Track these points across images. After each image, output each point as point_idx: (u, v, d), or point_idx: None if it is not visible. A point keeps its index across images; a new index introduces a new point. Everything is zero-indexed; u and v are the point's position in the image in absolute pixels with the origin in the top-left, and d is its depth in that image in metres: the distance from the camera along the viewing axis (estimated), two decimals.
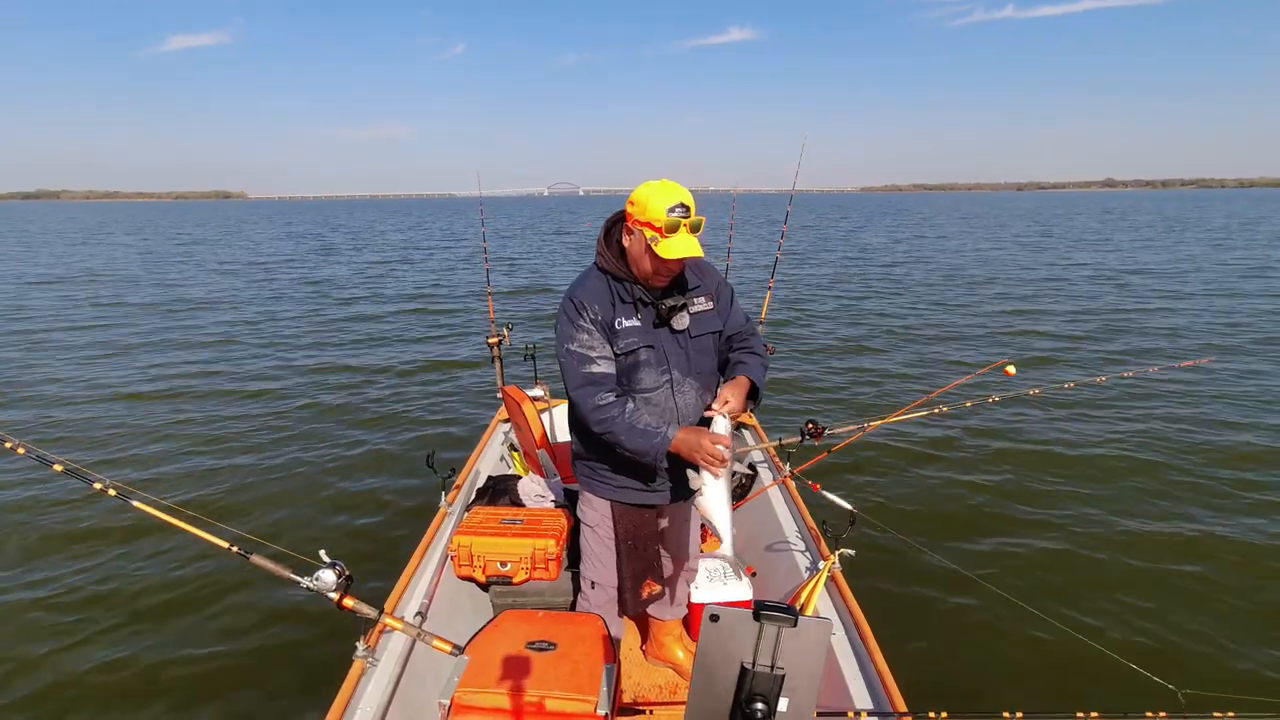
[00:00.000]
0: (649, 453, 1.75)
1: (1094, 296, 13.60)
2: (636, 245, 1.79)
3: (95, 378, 7.80)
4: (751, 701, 0.96)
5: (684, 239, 1.72)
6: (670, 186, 1.74)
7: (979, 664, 3.15)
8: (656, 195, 1.72)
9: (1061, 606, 3.57)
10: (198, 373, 8.10)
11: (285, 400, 7.05)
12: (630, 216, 1.79)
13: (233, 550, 1.78)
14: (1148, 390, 7.09)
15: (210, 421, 6.35)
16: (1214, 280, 15.39)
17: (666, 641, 2.54)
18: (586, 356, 1.81)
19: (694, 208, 1.73)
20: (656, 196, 1.71)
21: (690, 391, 1.91)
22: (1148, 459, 5.42)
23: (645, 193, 1.74)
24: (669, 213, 1.69)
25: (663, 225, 1.70)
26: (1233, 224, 36.93)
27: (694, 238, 1.74)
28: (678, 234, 1.71)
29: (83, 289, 14.99)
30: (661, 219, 1.70)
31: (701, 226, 1.77)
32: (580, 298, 1.84)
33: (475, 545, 2.49)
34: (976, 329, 10.83)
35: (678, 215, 1.70)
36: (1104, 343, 9.75)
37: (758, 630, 0.93)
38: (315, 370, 8.31)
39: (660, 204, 1.70)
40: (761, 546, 2.93)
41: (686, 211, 1.71)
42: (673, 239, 1.71)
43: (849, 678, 1.99)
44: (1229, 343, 9.44)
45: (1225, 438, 5.83)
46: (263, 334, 10.41)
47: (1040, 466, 5.29)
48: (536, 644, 1.72)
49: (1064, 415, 6.38)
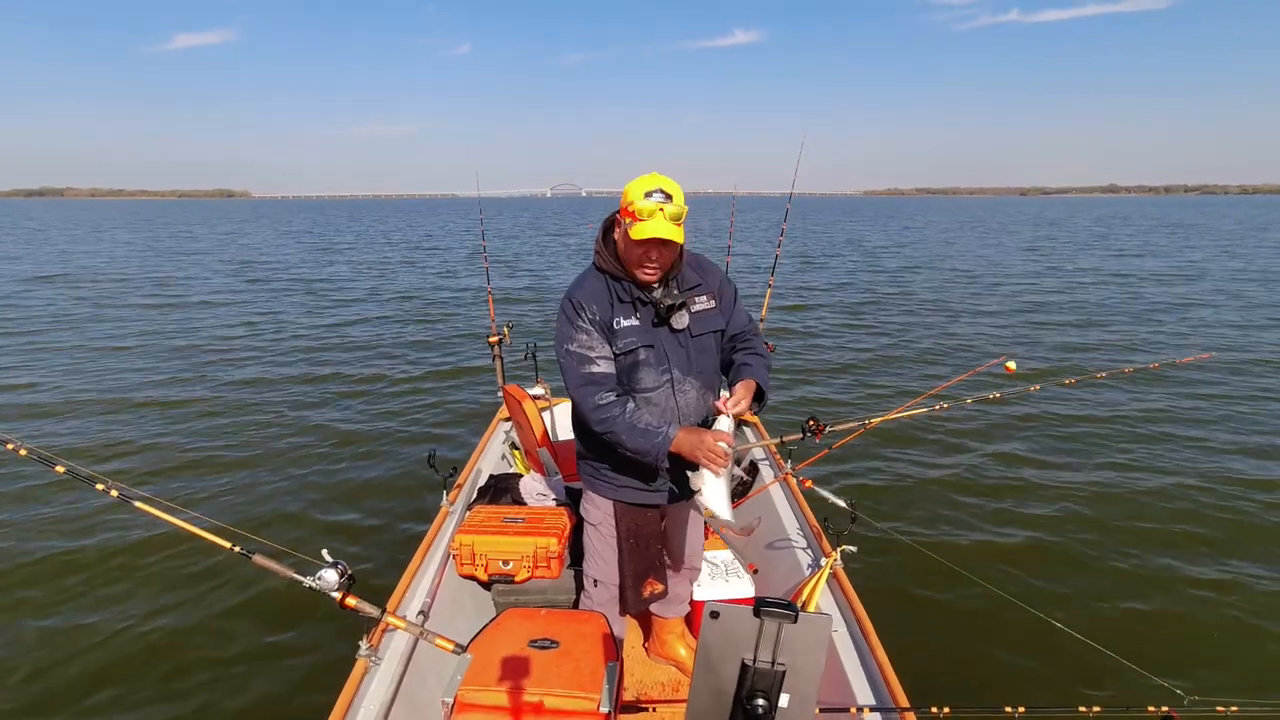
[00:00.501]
0: (650, 452, 1.74)
1: (1101, 298, 13.59)
2: (623, 237, 1.79)
3: (95, 377, 7.80)
4: (753, 697, 0.96)
5: (657, 221, 1.70)
6: (654, 175, 1.74)
7: (981, 660, 3.15)
8: (639, 183, 1.73)
9: (1063, 604, 3.58)
10: (197, 373, 8.10)
11: (285, 400, 7.05)
12: (620, 210, 1.80)
13: (235, 550, 1.78)
14: (1149, 386, 7.09)
15: (212, 421, 6.36)
16: (1226, 284, 15.30)
17: (669, 639, 2.54)
18: (586, 357, 1.80)
19: (678, 198, 1.72)
20: (639, 184, 1.73)
21: (691, 391, 1.90)
22: (1149, 457, 5.42)
23: (631, 184, 1.75)
24: (646, 197, 1.70)
25: (638, 209, 1.70)
26: (1240, 229, 36.71)
27: (670, 223, 1.71)
28: (652, 218, 1.70)
29: (83, 287, 15.01)
30: (638, 202, 1.70)
31: (683, 217, 1.75)
32: (578, 298, 1.84)
33: (477, 544, 2.49)
34: (978, 327, 10.83)
35: (656, 200, 1.70)
36: (1106, 342, 9.75)
37: (758, 626, 0.94)
38: (315, 370, 8.31)
39: (639, 189, 1.71)
40: (763, 544, 2.93)
41: (666, 198, 1.70)
42: (646, 221, 1.70)
43: (851, 673, 2.00)
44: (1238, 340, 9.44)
45: (1227, 437, 5.83)
46: (263, 333, 10.42)
47: (1042, 463, 5.29)
48: (539, 642, 1.72)
49: (1065, 411, 6.38)
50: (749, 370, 1.90)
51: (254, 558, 1.79)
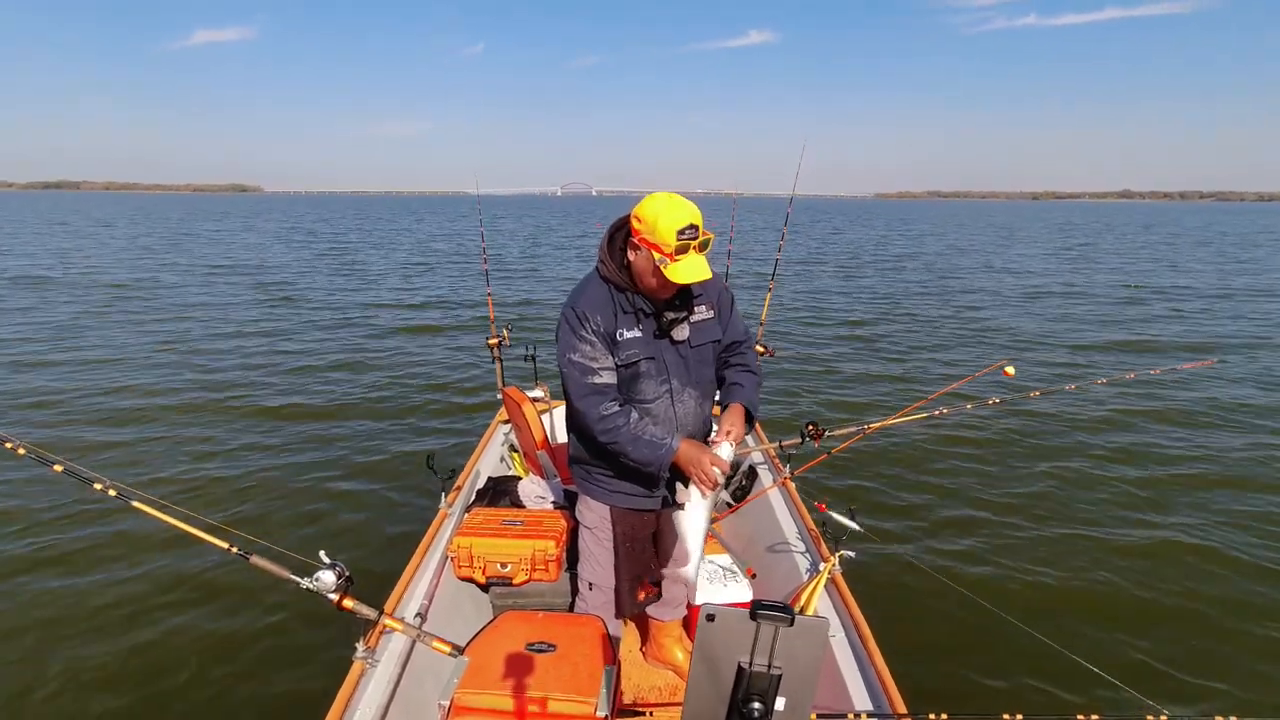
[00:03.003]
0: (654, 464, 1.76)
1: (1110, 305, 13.59)
2: (643, 262, 1.76)
3: (95, 376, 7.80)
4: (748, 701, 0.96)
5: (693, 261, 1.69)
6: (678, 205, 1.70)
7: (979, 667, 3.14)
8: (665, 216, 1.67)
9: (1061, 612, 3.57)
10: (196, 372, 8.10)
11: (284, 400, 7.05)
12: (636, 232, 1.75)
13: (233, 551, 1.78)
14: (1150, 393, 7.09)
15: (208, 422, 6.36)
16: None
17: (666, 643, 2.54)
18: (589, 367, 1.80)
19: (701, 224, 1.71)
20: (665, 217, 1.67)
21: (690, 401, 1.92)
22: (1150, 463, 5.42)
23: (653, 211, 1.69)
24: (679, 236, 1.66)
25: (672, 249, 1.67)
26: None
27: (702, 258, 1.72)
28: (687, 256, 1.69)
29: (86, 284, 15.02)
30: (671, 242, 1.66)
31: (710, 245, 1.74)
32: (582, 308, 1.83)
33: (475, 546, 2.49)
34: (978, 332, 10.83)
35: (687, 238, 1.67)
36: (1109, 347, 9.75)
37: (755, 630, 0.93)
38: (315, 370, 8.31)
39: (669, 226, 1.66)
40: (762, 548, 2.92)
41: (695, 232, 1.68)
42: (682, 261, 1.68)
43: (849, 679, 1.99)
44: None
45: (1228, 442, 5.82)
46: (262, 332, 10.42)
47: (1041, 470, 5.28)
48: (536, 645, 1.72)
49: (1065, 417, 6.38)
50: (740, 392, 1.91)
51: (251, 558, 1.78)
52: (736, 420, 1.85)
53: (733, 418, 1.85)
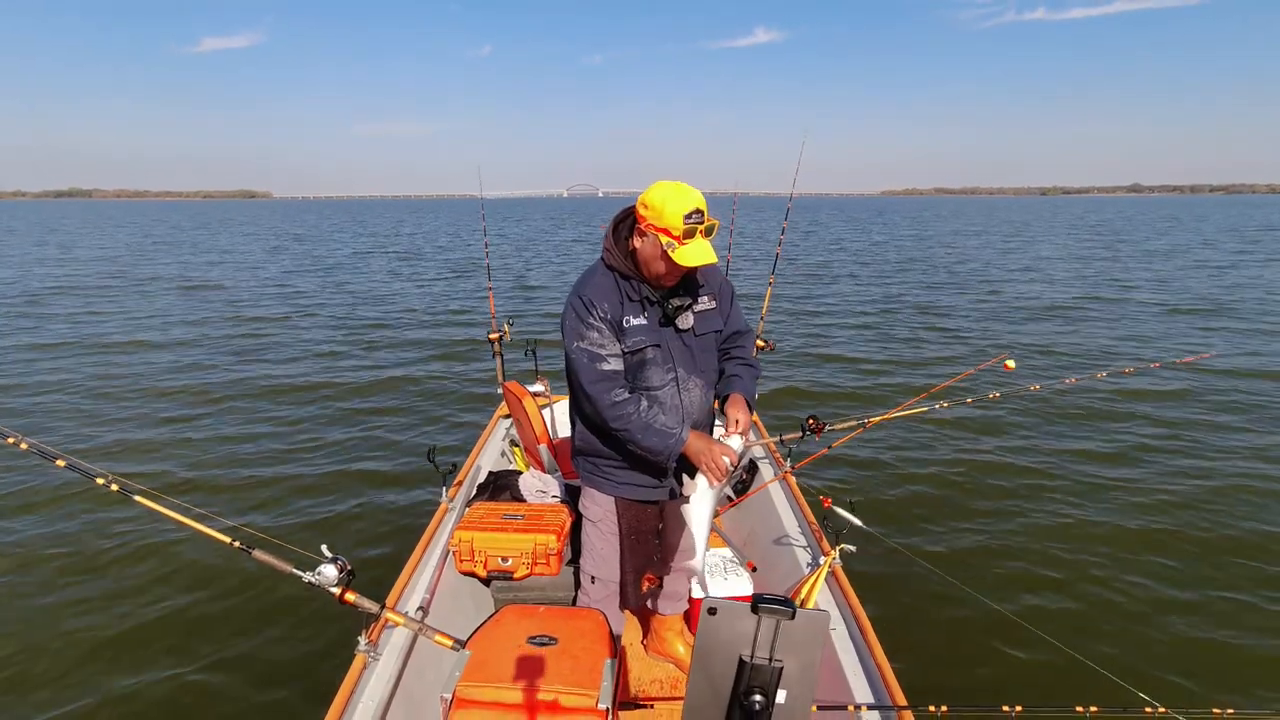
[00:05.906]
0: (663, 452, 1.77)
1: (1114, 303, 13.57)
2: (649, 248, 1.78)
3: (95, 375, 7.81)
4: (750, 694, 0.96)
5: (700, 245, 1.73)
6: (684, 190, 1.73)
7: (979, 659, 3.15)
8: (672, 201, 1.70)
9: (1061, 607, 3.58)
10: (199, 370, 8.11)
11: (285, 397, 7.06)
12: (643, 219, 1.77)
13: (235, 545, 1.79)
14: (1149, 387, 7.09)
15: (212, 417, 6.37)
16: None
17: (668, 636, 2.55)
18: (598, 354, 1.81)
19: (707, 211, 1.74)
20: (672, 202, 1.70)
21: (695, 389, 1.93)
22: (1150, 457, 5.42)
23: (659, 197, 1.72)
24: (685, 220, 1.69)
25: (680, 233, 1.70)
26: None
27: (708, 243, 1.75)
28: (694, 240, 1.72)
29: (92, 281, 15.02)
30: (678, 226, 1.69)
31: (715, 230, 1.77)
32: (589, 295, 1.83)
33: (476, 540, 2.49)
34: (979, 327, 10.82)
35: (694, 222, 1.70)
36: (1111, 343, 9.75)
37: (756, 623, 0.94)
38: (315, 368, 8.32)
39: (676, 210, 1.69)
40: (762, 542, 2.93)
41: (701, 217, 1.72)
42: (690, 245, 1.72)
43: (849, 672, 2.00)
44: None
45: (1229, 438, 5.82)
46: (263, 331, 10.43)
47: (1042, 462, 5.28)
48: (538, 639, 1.72)
49: (1066, 410, 6.38)
50: (739, 384, 1.93)
51: (254, 552, 1.79)
52: (743, 412, 1.85)
53: (739, 409, 1.86)
